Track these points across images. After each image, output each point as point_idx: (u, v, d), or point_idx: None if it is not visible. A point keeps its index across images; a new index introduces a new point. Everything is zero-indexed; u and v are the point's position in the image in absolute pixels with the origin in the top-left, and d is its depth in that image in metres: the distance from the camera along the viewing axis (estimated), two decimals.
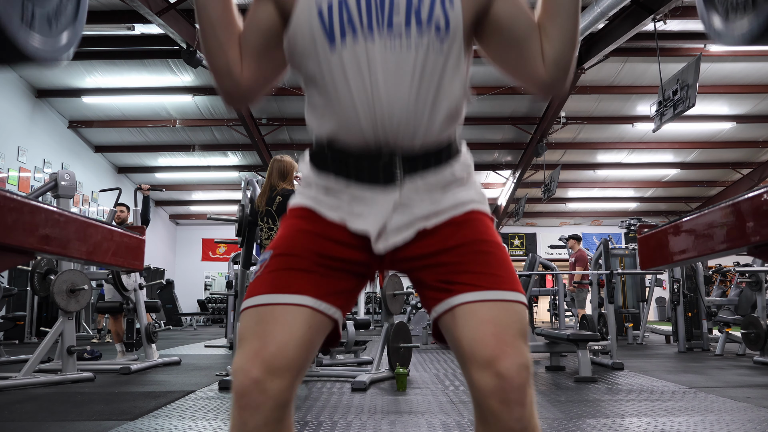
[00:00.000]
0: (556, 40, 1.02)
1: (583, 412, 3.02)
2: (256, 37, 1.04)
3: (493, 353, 0.87)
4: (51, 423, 2.85)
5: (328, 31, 0.96)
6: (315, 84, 1.02)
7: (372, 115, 0.97)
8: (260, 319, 0.95)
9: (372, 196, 1.00)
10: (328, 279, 1.00)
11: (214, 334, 10.28)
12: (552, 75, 1.04)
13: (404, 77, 0.96)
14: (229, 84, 1.06)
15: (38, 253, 1.37)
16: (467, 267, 0.98)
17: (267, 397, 0.88)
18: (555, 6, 1.01)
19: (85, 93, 10.27)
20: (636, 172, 14.54)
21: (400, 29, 0.96)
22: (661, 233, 2.63)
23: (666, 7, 6.71)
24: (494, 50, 1.07)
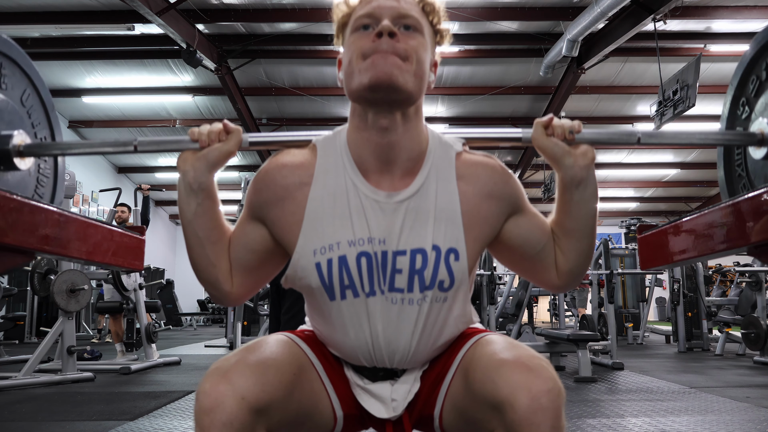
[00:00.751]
0: (571, 255, 1.00)
1: (583, 412, 3.02)
2: (247, 256, 0.99)
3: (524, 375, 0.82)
4: (51, 423, 2.85)
5: (327, 289, 0.93)
6: (315, 310, 1.00)
7: (371, 357, 0.96)
8: (250, 345, 0.91)
9: (371, 384, 1.00)
10: (343, 383, 1.00)
11: (214, 334, 10.28)
12: (566, 282, 1.02)
13: (406, 327, 0.94)
14: (218, 295, 1.01)
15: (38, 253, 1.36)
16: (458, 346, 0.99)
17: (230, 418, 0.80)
18: (571, 227, 0.99)
19: (85, 93, 10.26)
20: (636, 172, 14.53)
21: (402, 290, 0.93)
22: (661, 233, 2.63)
23: (666, 7, 6.71)
24: (504, 259, 1.05)
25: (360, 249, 0.92)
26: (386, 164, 0.94)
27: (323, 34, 8.03)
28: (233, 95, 9.40)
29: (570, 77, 9.00)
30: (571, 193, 0.97)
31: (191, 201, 0.95)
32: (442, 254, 0.92)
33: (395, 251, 0.92)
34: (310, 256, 0.93)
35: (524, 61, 8.86)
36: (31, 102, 1.18)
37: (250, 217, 0.99)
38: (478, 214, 0.96)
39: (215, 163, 0.95)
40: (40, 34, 8.22)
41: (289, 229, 0.95)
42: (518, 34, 8.02)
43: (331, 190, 0.94)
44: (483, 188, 0.97)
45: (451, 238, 0.93)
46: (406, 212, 0.93)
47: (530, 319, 9.37)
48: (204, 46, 7.82)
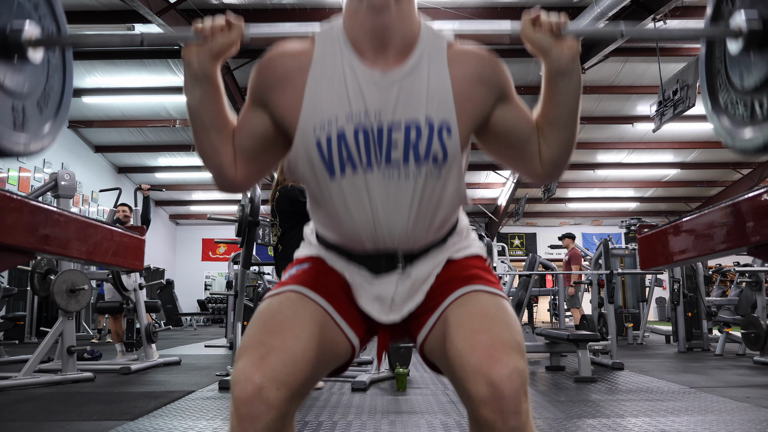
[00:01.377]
0: (554, 145, 1.05)
1: (583, 412, 3.02)
2: (250, 142, 1.04)
3: (485, 361, 0.86)
4: (51, 423, 2.85)
5: (327, 165, 0.98)
6: (317, 200, 1.05)
7: (373, 235, 1.01)
8: (270, 323, 0.94)
9: (374, 279, 1.05)
10: (349, 304, 1.05)
11: (214, 334, 10.28)
12: (548, 172, 1.08)
13: (403, 203, 0.99)
14: (223, 181, 1.07)
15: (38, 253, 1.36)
16: (450, 285, 1.03)
17: (268, 407, 0.85)
18: (556, 117, 1.03)
19: (85, 93, 10.26)
20: (636, 172, 14.53)
21: (399, 163, 0.97)
22: (661, 233, 2.63)
23: (666, 7, 6.71)
24: (491, 148, 1.10)
25: (357, 123, 0.96)
26: (380, 46, 0.98)
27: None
28: (233, 95, 9.39)
29: None
30: (556, 83, 1.02)
31: (196, 89, 1.00)
32: (435, 129, 0.97)
33: (390, 124, 0.96)
34: (311, 135, 0.97)
35: (524, 61, 8.85)
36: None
37: (252, 103, 1.04)
38: (468, 96, 1.00)
39: (218, 53, 1.00)
40: None
41: (290, 110, 0.99)
42: (518, 34, 8.02)
43: (328, 71, 0.98)
44: (473, 73, 1.01)
45: (444, 113, 0.98)
46: (400, 88, 0.97)
47: (530, 319, 9.37)
48: None
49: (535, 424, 0.91)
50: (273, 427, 0.86)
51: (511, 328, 0.93)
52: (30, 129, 1.14)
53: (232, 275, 7.81)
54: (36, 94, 1.18)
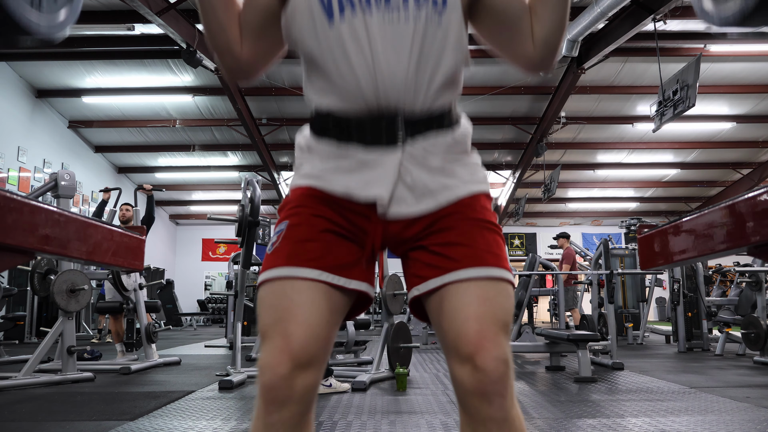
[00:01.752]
0: (546, 21, 1.04)
1: (583, 412, 3.02)
2: (254, 17, 1.06)
3: (473, 349, 0.89)
4: (51, 423, 2.85)
5: (326, 7, 0.98)
6: (314, 61, 1.03)
7: (374, 84, 0.98)
8: (280, 306, 0.95)
9: (375, 158, 1.00)
10: (338, 248, 1.01)
11: (214, 334, 10.28)
12: (541, 54, 1.07)
13: (403, 48, 0.98)
14: (230, 61, 1.08)
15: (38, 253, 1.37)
16: (460, 247, 1.00)
17: (294, 392, 0.90)
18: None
19: (85, 93, 10.27)
20: (636, 172, 14.54)
21: (398, 3, 0.97)
22: (661, 233, 2.63)
23: (666, 7, 6.71)
24: (486, 29, 1.10)
25: None
26: None
27: None
28: (233, 95, 9.40)
29: (570, 77, 9.00)
30: None
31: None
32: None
33: None
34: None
35: None
36: None
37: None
38: None
39: None
40: None
41: None
42: None
43: None
44: None
45: None
46: None
47: (530, 319, 9.38)
48: (204, 46, 7.82)
49: (534, 424, 0.91)
50: (298, 411, 0.90)
51: (503, 310, 0.95)
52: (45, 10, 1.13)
53: (232, 275, 7.81)
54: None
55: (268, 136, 11.68)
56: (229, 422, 2.82)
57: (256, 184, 4.49)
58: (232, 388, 3.84)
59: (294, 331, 0.92)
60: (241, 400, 3.49)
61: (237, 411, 3.14)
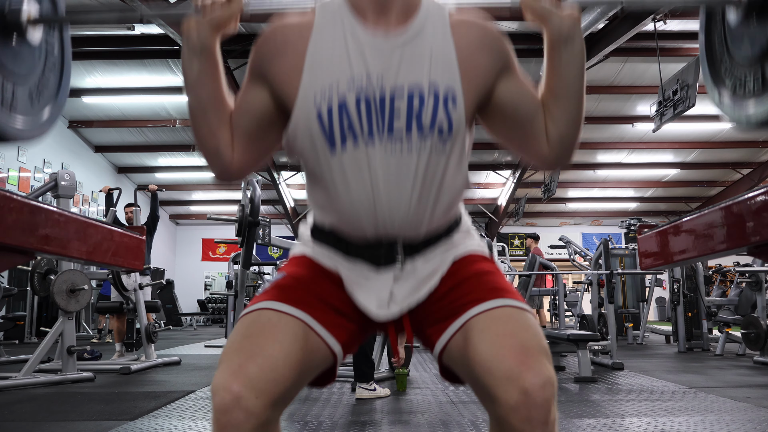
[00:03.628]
0: (560, 121, 1.01)
1: (583, 412, 3.02)
2: (248, 122, 1.01)
3: (516, 367, 0.82)
4: (51, 423, 2.85)
5: (328, 136, 0.94)
6: (316, 178, 1.01)
7: (373, 216, 0.96)
8: (250, 332, 0.91)
9: (371, 274, 1.00)
10: (331, 313, 0.99)
11: (214, 334, 10.28)
12: (556, 153, 1.03)
13: (406, 180, 0.95)
14: (219, 166, 1.03)
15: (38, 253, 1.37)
16: (472, 292, 0.97)
17: (247, 416, 0.82)
18: (560, 89, 1.00)
19: (85, 93, 10.26)
20: (636, 172, 14.53)
21: (401, 134, 0.94)
22: (661, 233, 2.63)
23: (666, 6, 6.70)
24: (497, 129, 1.06)
25: (358, 88, 0.93)
26: (382, 8, 0.96)
27: None
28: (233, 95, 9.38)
29: None
30: (559, 51, 0.99)
31: (194, 63, 0.98)
32: (440, 97, 0.94)
33: (393, 89, 0.93)
34: (311, 104, 0.94)
35: (524, 61, 8.85)
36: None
37: (251, 79, 1.02)
38: (473, 63, 0.97)
39: (217, 25, 0.98)
40: None
41: (290, 78, 0.97)
42: (518, 34, 8.02)
43: (329, 37, 0.96)
44: (476, 39, 0.99)
45: (448, 78, 0.95)
46: (403, 51, 0.95)
47: None
48: None
49: None
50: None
51: (537, 334, 0.89)
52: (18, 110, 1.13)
53: (232, 275, 7.82)
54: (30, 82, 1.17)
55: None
56: None
57: (256, 184, 4.49)
58: None
59: (254, 355, 0.86)
60: None
61: None
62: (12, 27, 1.06)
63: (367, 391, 3.50)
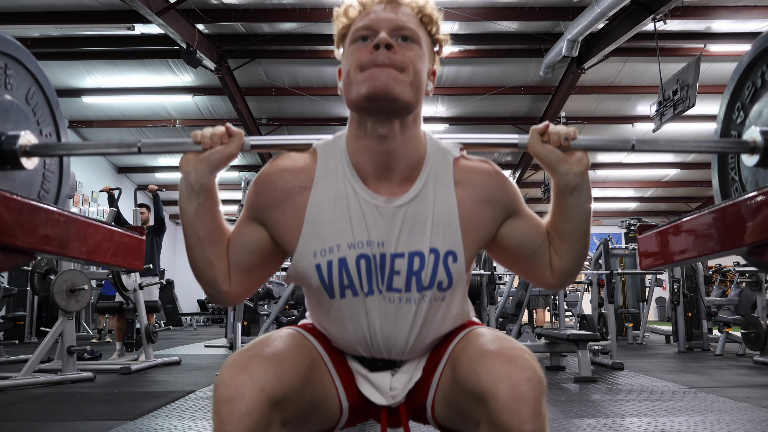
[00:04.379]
0: (565, 257, 1.03)
1: (583, 412, 3.02)
2: (245, 256, 1.01)
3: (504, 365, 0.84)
4: (51, 423, 2.85)
5: (327, 287, 0.96)
6: (316, 306, 1.03)
7: (369, 350, 1.00)
8: (265, 338, 0.94)
9: (371, 375, 1.03)
10: (347, 373, 1.04)
11: (214, 334, 10.28)
12: (560, 281, 1.05)
13: (404, 324, 0.97)
14: (216, 294, 1.03)
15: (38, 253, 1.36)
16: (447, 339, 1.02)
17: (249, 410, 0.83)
18: (566, 231, 1.01)
19: (85, 93, 10.26)
20: (636, 172, 14.54)
21: (400, 290, 0.95)
22: (661, 233, 2.62)
23: (666, 7, 6.71)
24: (501, 259, 1.08)
25: (359, 252, 0.94)
26: (385, 171, 0.95)
27: (323, 34, 8.03)
28: (233, 95, 9.40)
29: (570, 77, 9.00)
30: (565, 198, 0.99)
31: (192, 201, 0.97)
32: (440, 257, 0.94)
33: (393, 254, 0.94)
34: (310, 258, 0.95)
35: (524, 61, 8.86)
36: (36, 100, 1.19)
37: (249, 218, 1.01)
38: (475, 219, 0.98)
39: (217, 164, 0.97)
40: (40, 34, 8.22)
41: (289, 231, 0.96)
42: (518, 34, 8.02)
43: (331, 194, 0.95)
44: (480, 194, 0.98)
45: (450, 242, 0.95)
46: (405, 217, 0.95)
47: (530, 319, 9.36)
48: (204, 46, 7.83)
49: None
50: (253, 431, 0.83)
51: (517, 342, 0.92)
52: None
53: None
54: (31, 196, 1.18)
55: (268, 136, 11.68)
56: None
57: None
58: None
59: (264, 353, 0.88)
60: None
61: None
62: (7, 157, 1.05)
63: None
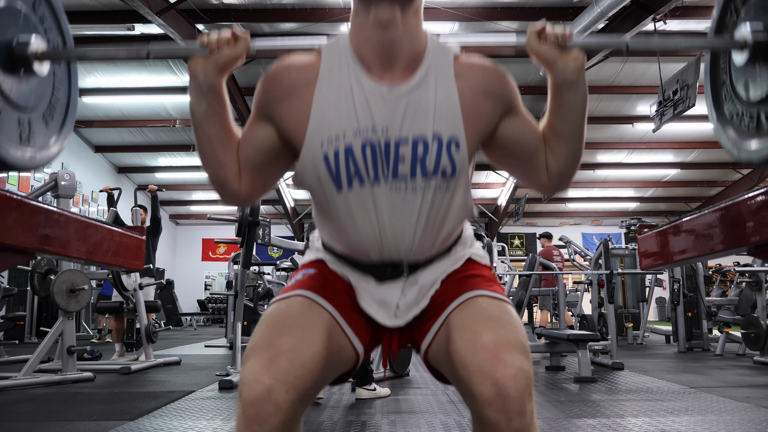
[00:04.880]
0: (561, 157, 1.05)
1: (583, 412, 3.02)
2: (255, 155, 1.04)
3: (489, 361, 0.86)
4: (51, 423, 2.85)
5: (334, 178, 0.98)
6: (323, 212, 1.05)
7: (379, 246, 1.01)
8: (281, 324, 0.94)
9: (379, 288, 1.05)
10: (355, 313, 1.05)
11: (214, 334, 10.28)
12: (555, 184, 1.08)
13: (410, 216, 0.99)
14: (228, 195, 1.06)
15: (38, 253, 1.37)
16: (452, 289, 1.04)
17: (276, 409, 0.85)
18: (562, 129, 1.03)
19: (85, 93, 10.26)
20: (636, 172, 14.53)
21: (406, 177, 0.98)
22: (661, 233, 2.63)
23: (666, 7, 6.71)
24: (498, 159, 1.10)
25: (364, 138, 0.96)
26: (387, 61, 0.98)
27: (323, 34, 8.02)
28: (233, 95, 9.39)
29: None
30: (562, 95, 1.01)
31: (201, 102, 1.00)
32: (444, 143, 0.97)
33: (398, 139, 0.96)
34: (318, 149, 0.97)
35: (524, 61, 8.85)
36: (41, 10, 1.20)
37: (258, 116, 1.04)
38: (476, 111, 1.00)
39: (224, 66, 1.00)
40: None
41: (297, 124, 0.99)
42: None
43: (335, 85, 0.98)
44: (480, 86, 1.01)
45: (452, 129, 0.98)
46: (408, 103, 0.97)
47: (530, 319, 9.37)
48: None
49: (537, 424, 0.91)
50: (280, 430, 0.86)
51: (515, 329, 0.93)
52: (36, 142, 1.15)
53: (232, 275, 7.82)
54: (42, 107, 1.19)
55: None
56: (229, 422, 2.82)
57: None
58: (232, 388, 3.84)
59: (285, 349, 0.89)
60: None
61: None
62: (19, 61, 1.08)
63: (367, 391, 3.50)
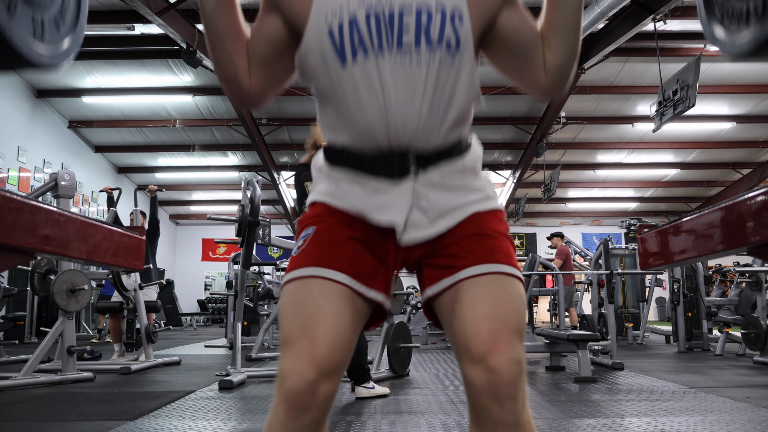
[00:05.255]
0: (558, 51, 1.06)
1: (583, 412, 3.02)
2: (264, 48, 1.06)
3: (485, 349, 0.89)
4: (51, 423, 2.85)
5: (339, 51, 0.98)
6: (327, 98, 1.04)
7: (385, 126, 1.00)
8: (307, 313, 0.95)
9: (388, 187, 1.03)
10: (361, 256, 1.03)
11: (214, 334, 10.28)
12: (553, 82, 1.08)
13: (416, 90, 0.99)
14: (238, 91, 1.08)
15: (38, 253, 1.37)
16: (471, 252, 1.02)
17: (317, 399, 0.89)
18: (559, 22, 1.05)
19: (85, 93, 10.27)
20: (636, 172, 14.54)
21: (410, 48, 0.98)
22: (661, 233, 2.63)
23: (666, 7, 6.71)
24: (498, 58, 1.11)
25: (368, 6, 0.97)
26: None
27: None
28: None
29: None
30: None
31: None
32: (447, 15, 0.97)
33: (401, 7, 0.97)
34: (323, 23, 0.98)
35: None
36: None
37: (266, 8, 1.05)
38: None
39: None
40: None
41: (302, 5, 1.01)
42: None
43: None
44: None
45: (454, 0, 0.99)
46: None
47: (530, 318, 9.37)
48: (204, 46, 7.83)
49: (535, 424, 0.91)
50: (318, 419, 0.90)
51: (517, 314, 0.95)
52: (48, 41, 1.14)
53: (232, 275, 7.82)
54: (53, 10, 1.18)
55: (268, 136, 11.68)
56: (229, 422, 2.82)
57: (256, 184, 4.48)
58: (232, 388, 3.84)
59: (321, 338, 0.92)
60: (241, 400, 3.49)
61: (237, 411, 3.14)
62: None
63: (366, 389, 3.51)
